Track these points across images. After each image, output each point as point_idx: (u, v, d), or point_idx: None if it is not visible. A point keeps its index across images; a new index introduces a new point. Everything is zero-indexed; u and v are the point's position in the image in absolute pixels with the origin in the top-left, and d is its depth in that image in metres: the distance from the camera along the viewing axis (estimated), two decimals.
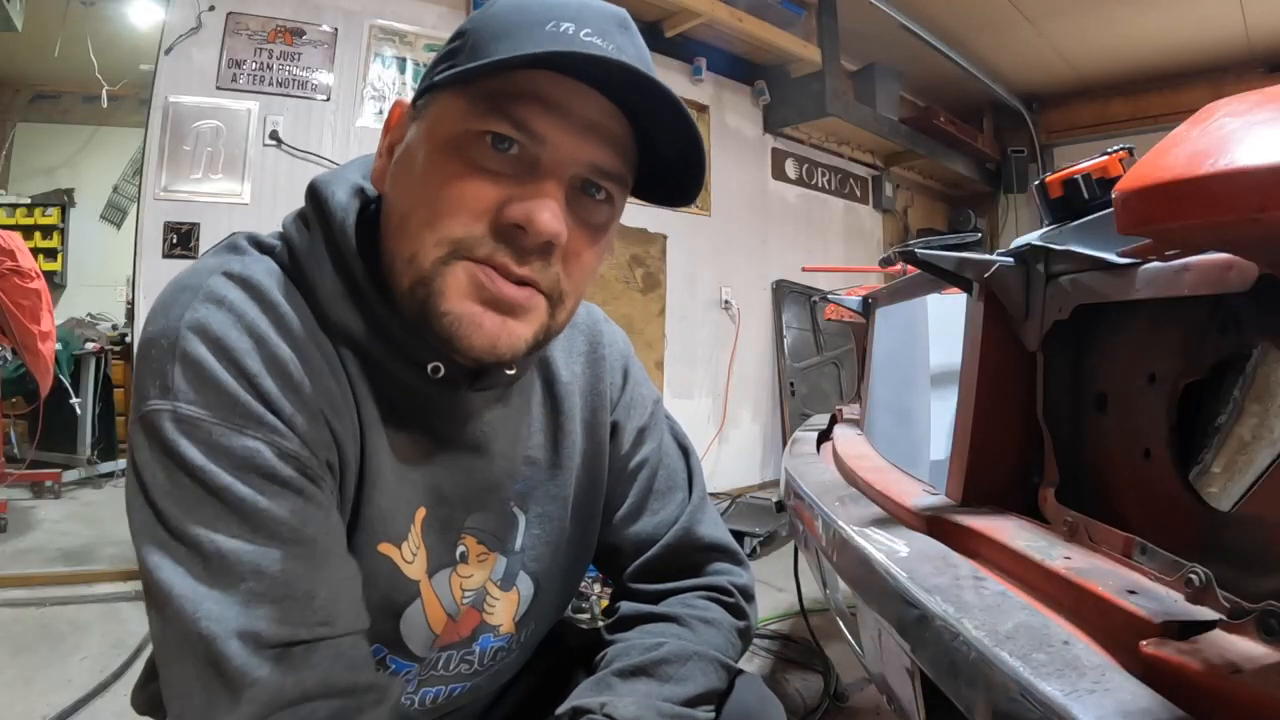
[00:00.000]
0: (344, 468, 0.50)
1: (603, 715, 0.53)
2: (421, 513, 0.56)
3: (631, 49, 0.49)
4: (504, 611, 0.62)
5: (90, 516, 2.93)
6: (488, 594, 0.61)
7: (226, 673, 0.41)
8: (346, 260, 0.51)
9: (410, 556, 0.55)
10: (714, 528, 0.70)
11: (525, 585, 0.63)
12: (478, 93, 0.47)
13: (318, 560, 0.46)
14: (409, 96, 0.53)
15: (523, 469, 0.61)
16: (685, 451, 0.72)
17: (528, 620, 0.64)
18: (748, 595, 0.69)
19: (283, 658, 0.43)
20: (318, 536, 0.46)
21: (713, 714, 0.60)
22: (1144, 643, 0.46)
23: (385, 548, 0.54)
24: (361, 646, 0.48)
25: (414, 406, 0.54)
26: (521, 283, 0.48)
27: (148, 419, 0.45)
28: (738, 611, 0.67)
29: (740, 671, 0.65)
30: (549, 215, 0.47)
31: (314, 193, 0.53)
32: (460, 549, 0.59)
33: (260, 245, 0.53)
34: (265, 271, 0.50)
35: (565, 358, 0.66)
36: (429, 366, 0.52)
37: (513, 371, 0.56)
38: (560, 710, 0.56)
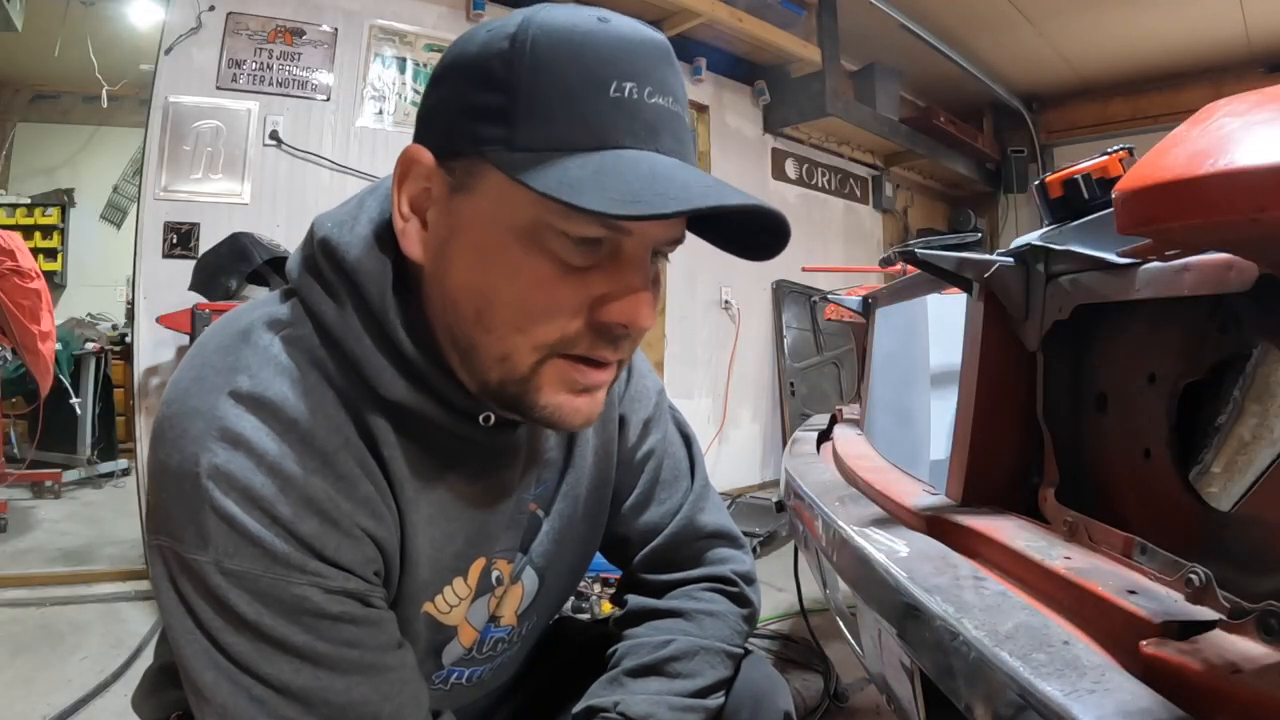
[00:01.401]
0: (388, 564, 0.51)
1: (616, 714, 0.56)
2: (480, 563, 0.57)
3: (680, 90, 0.47)
4: (508, 604, 0.63)
5: (90, 516, 2.92)
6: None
7: None
8: (392, 339, 0.49)
9: (447, 608, 0.57)
10: (715, 514, 0.72)
11: (530, 579, 0.64)
12: None
13: (378, 678, 0.47)
14: (410, 98, 0.51)
15: (541, 473, 0.62)
16: (687, 439, 0.73)
17: (530, 614, 0.65)
18: (749, 580, 0.71)
19: None
20: (375, 659, 0.47)
21: (723, 699, 0.63)
22: (1144, 643, 0.46)
23: (427, 607, 0.55)
24: None
25: (457, 455, 0.54)
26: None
27: (186, 562, 0.44)
28: (741, 600, 0.69)
29: (748, 652, 0.67)
30: (648, 312, 0.47)
31: (335, 259, 0.49)
32: (495, 574, 0.60)
33: (272, 323, 0.49)
34: (276, 373, 0.47)
35: None
36: (480, 417, 0.52)
37: None
38: (576, 709, 0.58)
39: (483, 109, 0.44)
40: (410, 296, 0.50)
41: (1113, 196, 0.41)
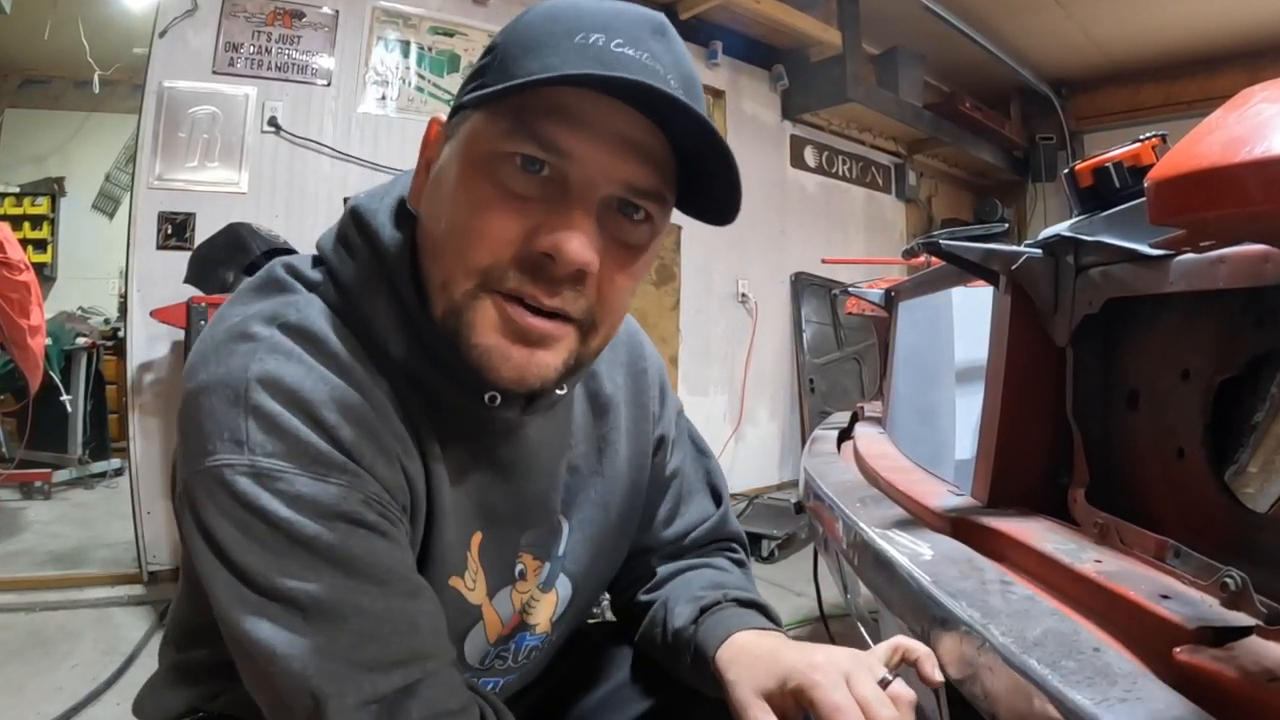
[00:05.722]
0: (414, 507, 0.51)
1: (727, 601, 0.61)
2: (478, 537, 0.57)
3: (667, 57, 0.47)
4: (542, 612, 0.64)
5: (81, 518, 2.88)
6: (531, 596, 0.63)
7: None
8: (401, 296, 0.51)
9: (471, 584, 0.57)
10: (735, 525, 0.77)
11: (564, 587, 0.64)
12: (504, 111, 0.46)
13: (414, 595, 0.47)
14: (415, 83, 0.53)
15: (565, 476, 0.63)
16: (705, 455, 0.77)
17: (563, 621, 0.66)
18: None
19: (390, 707, 0.43)
20: (409, 574, 0.47)
21: None
22: (1177, 649, 0.45)
23: (454, 580, 0.55)
24: (457, 674, 0.49)
25: (469, 433, 0.55)
26: (552, 314, 0.48)
27: (214, 474, 0.44)
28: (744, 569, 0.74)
29: None
30: (578, 244, 0.45)
31: (361, 223, 0.53)
32: (519, 567, 0.61)
33: (302, 279, 0.53)
34: (319, 314, 0.50)
35: (609, 369, 0.68)
36: (486, 396, 0.52)
37: (563, 391, 0.57)
38: (677, 625, 0.62)
39: (473, 74, 0.50)
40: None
41: (1145, 186, 0.41)
